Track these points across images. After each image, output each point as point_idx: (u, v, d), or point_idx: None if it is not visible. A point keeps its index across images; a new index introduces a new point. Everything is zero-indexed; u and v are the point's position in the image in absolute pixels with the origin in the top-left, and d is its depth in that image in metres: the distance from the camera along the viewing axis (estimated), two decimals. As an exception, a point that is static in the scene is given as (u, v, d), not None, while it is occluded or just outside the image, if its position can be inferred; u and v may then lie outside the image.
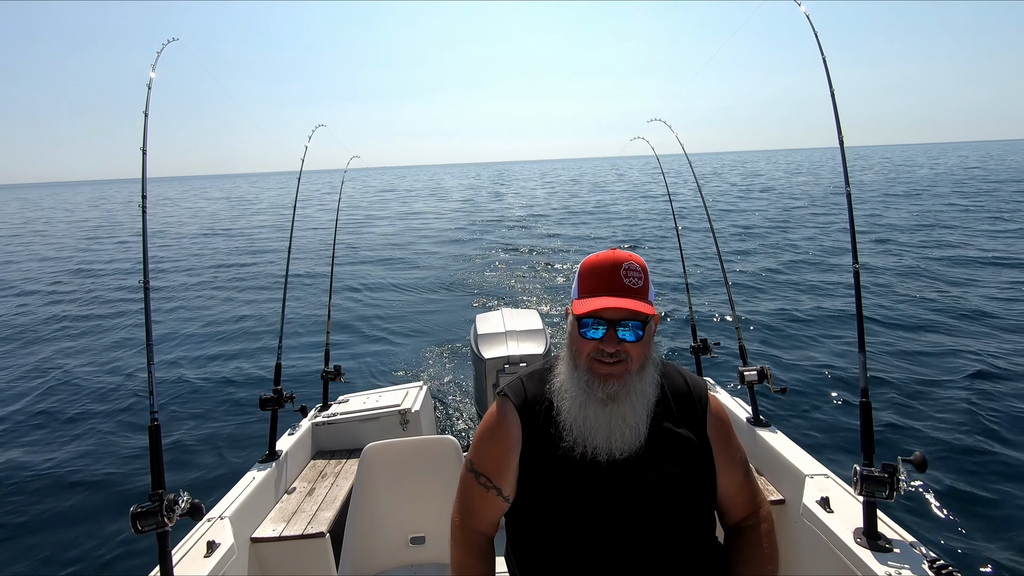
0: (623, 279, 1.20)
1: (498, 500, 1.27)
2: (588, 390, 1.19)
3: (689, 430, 1.28)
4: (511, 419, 1.28)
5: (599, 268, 1.23)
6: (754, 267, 12.54)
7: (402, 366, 7.45)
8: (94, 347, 8.82)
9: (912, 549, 1.74)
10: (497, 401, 1.33)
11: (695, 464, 1.26)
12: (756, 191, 35.13)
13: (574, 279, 1.30)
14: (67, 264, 17.79)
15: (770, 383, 2.62)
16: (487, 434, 1.30)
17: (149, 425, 1.79)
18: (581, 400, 1.20)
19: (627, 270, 1.21)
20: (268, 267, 15.81)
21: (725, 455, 1.31)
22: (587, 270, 1.25)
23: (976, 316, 7.98)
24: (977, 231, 15.53)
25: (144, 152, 1.99)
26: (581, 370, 1.21)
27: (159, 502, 1.68)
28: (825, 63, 2.14)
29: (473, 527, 1.33)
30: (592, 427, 1.19)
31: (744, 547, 1.32)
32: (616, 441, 1.19)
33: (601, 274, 1.22)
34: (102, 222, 34.34)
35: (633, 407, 1.19)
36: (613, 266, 1.22)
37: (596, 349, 1.19)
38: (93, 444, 5.48)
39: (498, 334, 4.08)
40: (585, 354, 1.21)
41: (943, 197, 25.22)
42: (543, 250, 16.58)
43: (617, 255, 1.24)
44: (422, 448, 2.20)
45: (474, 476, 1.29)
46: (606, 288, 1.20)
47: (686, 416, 1.30)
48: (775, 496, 2.40)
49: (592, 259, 1.26)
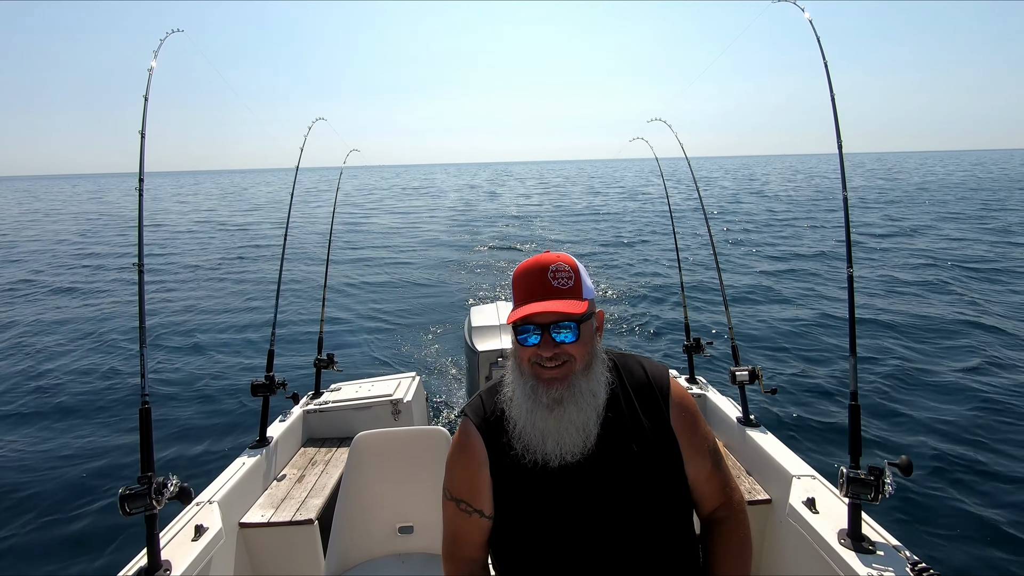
0: (551, 281, 1.19)
1: (482, 521, 1.27)
2: (534, 396, 1.19)
3: (651, 421, 1.26)
4: (474, 438, 1.28)
5: (527, 273, 1.22)
6: (751, 268, 12.58)
7: (395, 356, 7.45)
8: (86, 329, 8.77)
9: (895, 552, 1.76)
10: (460, 423, 1.34)
11: (657, 456, 1.24)
12: (751, 194, 35.21)
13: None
14: (66, 249, 17.67)
15: (761, 383, 2.63)
16: (455, 458, 1.30)
17: (140, 408, 1.78)
18: (528, 407, 1.19)
19: (555, 272, 1.20)
20: (263, 256, 15.75)
21: (691, 444, 1.28)
22: (517, 277, 1.24)
23: (972, 319, 8.04)
24: (970, 236, 15.63)
25: (143, 135, 1.98)
26: (526, 376, 1.21)
27: (148, 485, 1.68)
28: (826, 67, 2.14)
29: (465, 556, 1.30)
30: (541, 433, 1.19)
31: (714, 539, 1.31)
32: (565, 444, 1.18)
33: (529, 279, 1.21)
34: (103, 213, 34.13)
35: (580, 409, 1.18)
36: (540, 270, 1.20)
37: (535, 355, 1.18)
38: (82, 425, 5.46)
39: (492, 327, 4.08)
40: (527, 361, 1.20)
41: (942, 204, 25.36)
42: (538, 247, 16.59)
43: (544, 258, 1.22)
44: (413, 438, 2.20)
45: (455, 504, 1.29)
46: (535, 293, 1.19)
47: (647, 407, 1.28)
48: (762, 496, 2.42)
49: (521, 265, 1.25)
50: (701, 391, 3.17)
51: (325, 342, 3.59)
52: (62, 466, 4.72)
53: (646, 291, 10.89)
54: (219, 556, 2.07)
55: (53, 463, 4.77)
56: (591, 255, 15.12)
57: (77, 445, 5.07)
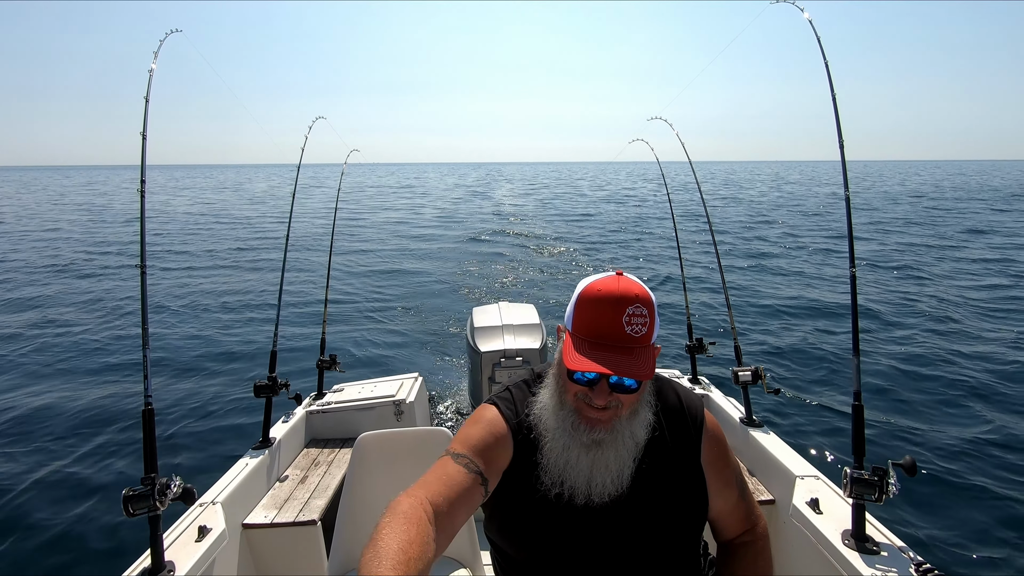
0: (625, 327, 1.05)
1: (476, 489, 1.07)
2: (573, 432, 1.10)
3: (682, 454, 1.21)
4: (501, 429, 1.18)
5: (599, 305, 1.07)
6: (751, 269, 12.56)
7: (398, 357, 7.45)
8: (88, 327, 8.79)
9: (899, 552, 1.75)
10: (491, 408, 1.22)
11: (684, 495, 1.19)
12: (744, 197, 35.20)
13: (572, 299, 1.14)
14: (67, 243, 17.72)
15: (764, 384, 2.63)
16: (477, 426, 1.17)
17: (143, 408, 1.79)
18: (564, 441, 1.11)
19: (631, 316, 1.05)
20: (265, 255, 15.77)
21: (720, 479, 1.24)
22: (587, 302, 1.09)
23: (970, 322, 8.01)
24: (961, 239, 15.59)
25: (144, 137, 1.98)
26: (567, 410, 1.11)
27: (151, 486, 1.68)
28: (827, 67, 2.13)
29: (434, 500, 1.01)
30: (573, 470, 1.11)
31: (739, 563, 1.29)
32: (596, 486, 1.11)
33: (601, 316, 1.06)
34: (98, 206, 34.17)
35: (618, 453, 1.11)
36: (615, 308, 1.05)
37: (585, 394, 1.09)
38: (86, 427, 5.47)
39: (495, 327, 4.08)
40: (572, 394, 1.10)
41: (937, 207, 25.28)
42: (538, 247, 16.58)
43: (621, 290, 1.06)
44: (415, 439, 2.20)
45: (453, 458, 1.10)
46: (605, 336, 1.05)
47: (679, 438, 1.21)
48: (765, 496, 2.42)
49: (594, 289, 1.09)
50: (704, 391, 3.17)
51: (328, 343, 3.59)
52: (63, 467, 4.73)
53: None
54: (222, 557, 2.07)
55: (53, 464, 4.78)
56: (591, 252, 15.12)
57: (78, 446, 5.08)
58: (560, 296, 10.44)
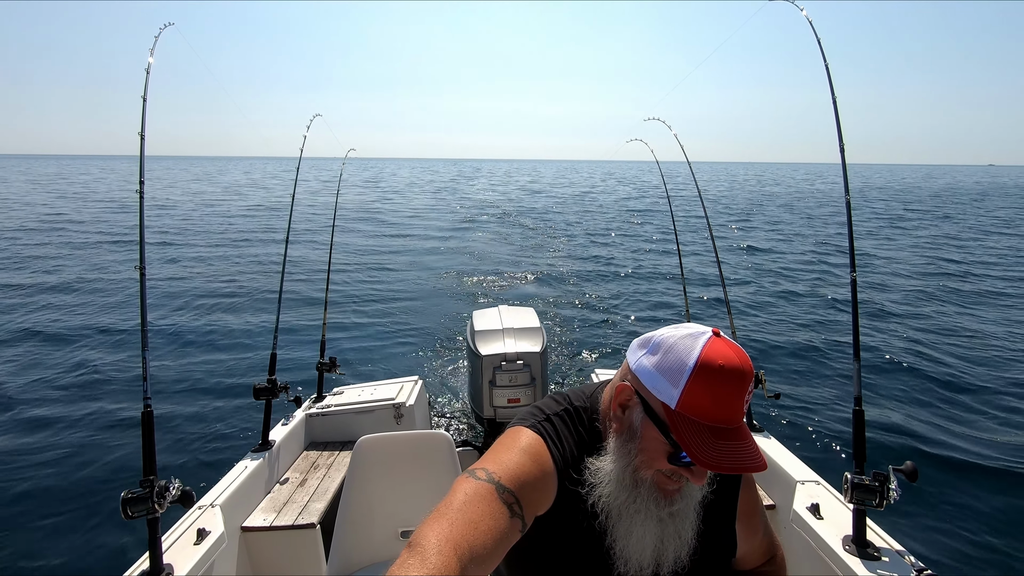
0: (744, 405, 0.92)
1: (515, 533, 0.92)
2: (653, 507, 0.99)
3: (720, 505, 1.14)
4: (550, 461, 1.03)
5: (726, 383, 0.89)
6: (751, 272, 12.56)
7: (397, 360, 7.45)
8: (87, 329, 8.80)
9: (900, 557, 1.74)
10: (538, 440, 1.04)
11: (718, 546, 1.14)
12: (742, 199, 35.21)
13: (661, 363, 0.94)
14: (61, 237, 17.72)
15: (764, 388, 2.63)
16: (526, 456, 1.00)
17: (142, 411, 1.78)
18: (639, 518, 0.99)
19: (748, 392, 0.92)
20: (263, 256, 15.78)
21: (750, 526, 1.20)
22: (708, 378, 0.89)
23: (968, 323, 8.01)
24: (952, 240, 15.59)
25: (142, 137, 1.97)
26: (645, 485, 0.99)
27: (150, 488, 1.68)
28: (827, 68, 2.14)
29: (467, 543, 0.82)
30: (641, 543, 1.00)
31: None
32: (666, 558, 1.01)
33: (727, 395, 0.90)
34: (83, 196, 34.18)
35: (688, 521, 1.02)
36: (741, 386, 0.90)
37: (676, 472, 0.96)
38: (84, 428, 5.47)
39: (495, 331, 4.08)
40: (654, 468, 0.98)
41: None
42: (538, 248, 16.60)
43: (743, 363, 0.90)
44: (415, 442, 2.20)
45: (496, 490, 0.91)
46: (728, 419, 0.90)
47: (720, 490, 1.12)
48: (766, 501, 2.41)
49: (716, 363, 0.89)
50: None
51: (327, 346, 3.59)
52: (63, 469, 4.72)
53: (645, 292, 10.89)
54: (221, 560, 2.06)
55: (54, 465, 4.77)
56: (593, 250, 15.14)
57: (78, 447, 5.07)
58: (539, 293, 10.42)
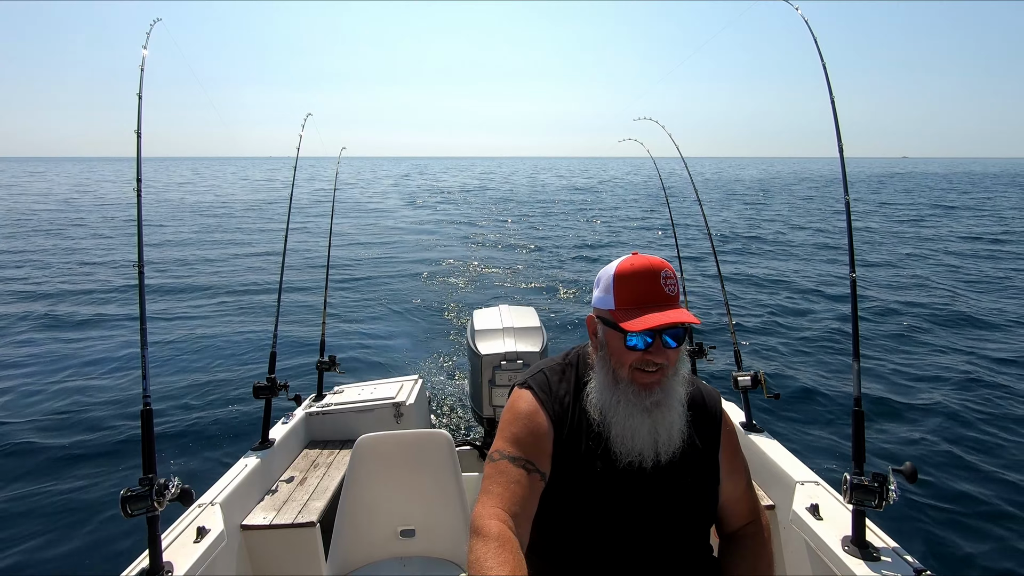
0: (664, 288, 1.19)
1: (539, 484, 1.19)
2: (636, 400, 1.20)
3: (703, 443, 1.31)
4: (540, 412, 1.25)
5: (638, 278, 1.20)
6: (750, 272, 12.56)
7: (397, 359, 7.45)
8: (87, 327, 8.80)
9: (899, 557, 1.75)
10: (522, 392, 1.30)
11: (706, 476, 1.30)
12: (738, 200, 35.22)
13: (600, 286, 1.27)
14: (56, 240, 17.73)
15: (764, 389, 2.62)
16: (519, 422, 1.24)
17: (141, 408, 1.78)
18: (626, 411, 1.20)
19: (666, 279, 1.20)
20: (261, 254, 15.77)
21: (732, 467, 1.34)
22: (624, 279, 1.22)
23: (968, 324, 8.01)
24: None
25: (138, 135, 1.96)
26: (623, 381, 1.22)
27: (149, 486, 1.68)
28: (824, 66, 2.13)
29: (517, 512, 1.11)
30: (638, 434, 1.20)
31: (744, 552, 1.34)
32: (663, 446, 1.21)
33: (641, 284, 1.20)
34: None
35: (673, 410, 1.21)
36: (652, 275, 1.20)
37: (641, 359, 1.19)
38: (83, 426, 5.47)
39: (495, 330, 4.08)
40: (628, 365, 1.21)
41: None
42: (539, 248, 16.61)
43: (652, 262, 1.21)
44: (415, 441, 2.20)
45: (510, 461, 1.18)
46: (650, 298, 1.19)
47: (700, 427, 1.31)
48: (765, 502, 2.41)
49: (627, 267, 1.22)
50: None
51: (327, 344, 3.59)
52: (62, 468, 4.72)
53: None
54: (221, 558, 2.06)
55: (53, 463, 4.77)
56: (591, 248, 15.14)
57: (77, 445, 5.07)
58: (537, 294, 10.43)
